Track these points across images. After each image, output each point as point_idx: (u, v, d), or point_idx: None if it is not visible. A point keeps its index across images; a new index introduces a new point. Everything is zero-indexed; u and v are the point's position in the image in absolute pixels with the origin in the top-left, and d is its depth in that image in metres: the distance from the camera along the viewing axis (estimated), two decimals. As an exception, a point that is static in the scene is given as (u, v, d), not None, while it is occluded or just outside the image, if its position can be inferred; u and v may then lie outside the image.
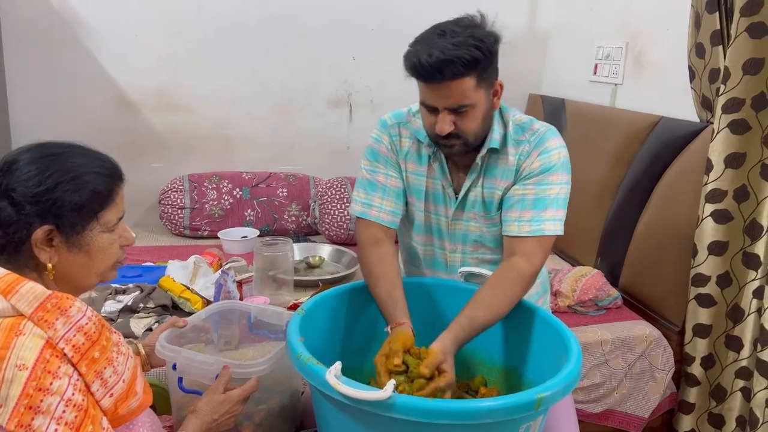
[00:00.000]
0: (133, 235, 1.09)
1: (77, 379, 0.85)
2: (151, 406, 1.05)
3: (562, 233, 1.36)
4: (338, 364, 1.01)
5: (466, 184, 1.43)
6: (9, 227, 0.92)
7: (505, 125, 1.41)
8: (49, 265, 0.95)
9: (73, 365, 0.85)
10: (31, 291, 0.86)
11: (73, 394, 0.84)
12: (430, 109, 1.30)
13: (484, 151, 1.38)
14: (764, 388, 1.87)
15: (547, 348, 1.27)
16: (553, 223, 1.35)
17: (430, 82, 1.24)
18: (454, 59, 1.19)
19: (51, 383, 0.82)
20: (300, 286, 2.22)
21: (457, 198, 1.45)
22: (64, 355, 0.85)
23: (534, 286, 1.56)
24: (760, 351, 1.87)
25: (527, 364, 1.33)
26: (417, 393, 1.09)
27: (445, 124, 1.28)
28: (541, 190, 1.36)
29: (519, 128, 1.40)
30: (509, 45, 3.52)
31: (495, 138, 1.38)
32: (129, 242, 1.08)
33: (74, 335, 0.86)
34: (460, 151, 1.36)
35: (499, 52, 1.30)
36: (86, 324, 0.88)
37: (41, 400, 0.81)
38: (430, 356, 1.12)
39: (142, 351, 1.33)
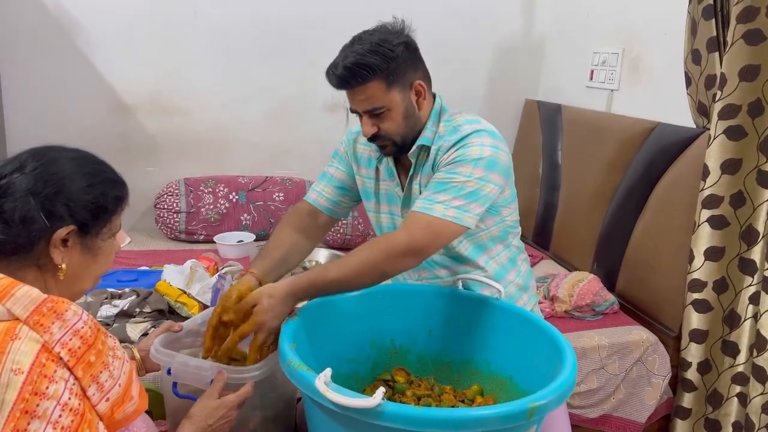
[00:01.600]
0: (120, 244, 1.11)
1: (73, 384, 0.85)
2: (146, 411, 1.04)
3: (456, 222, 1.28)
4: (328, 371, 1.00)
5: (407, 183, 1.48)
6: (33, 224, 0.92)
7: (438, 123, 1.45)
8: (63, 266, 0.95)
9: (69, 369, 0.85)
10: (26, 295, 0.85)
11: (69, 399, 0.83)
12: (354, 113, 1.40)
13: (413, 148, 1.43)
14: (760, 394, 1.87)
15: (542, 357, 1.27)
16: (443, 207, 1.28)
17: (342, 89, 1.35)
18: (354, 66, 1.29)
19: (47, 387, 0.81)
20: (296, 290, 2.21)
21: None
22: (60, 359, 0.84)
23: (516, 286, 1.56)
24: (756, 356, 1.87)
25: (523, 373, 1.32)
26: (224, 346, 1.18)
27: (366, 127, 1.38)
28: (447, 177, 1.32)
29: (453, 129, 1.41)
30: (506, 50, 3.54)
31: (426, 136, 1.43)
32: (119, 249, 1.11)
33: (70, 339, 0.85)
34: (394, 152, 1.44)
35: (415, 56, 1.39)
36: (82, 328, 0.87)
37: (37, 405, 0.80)
38: (245, 299, 1.24)
39: (137, 355, 1.33)
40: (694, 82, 2.04)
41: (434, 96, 1.48)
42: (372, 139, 1.40)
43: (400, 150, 1.43)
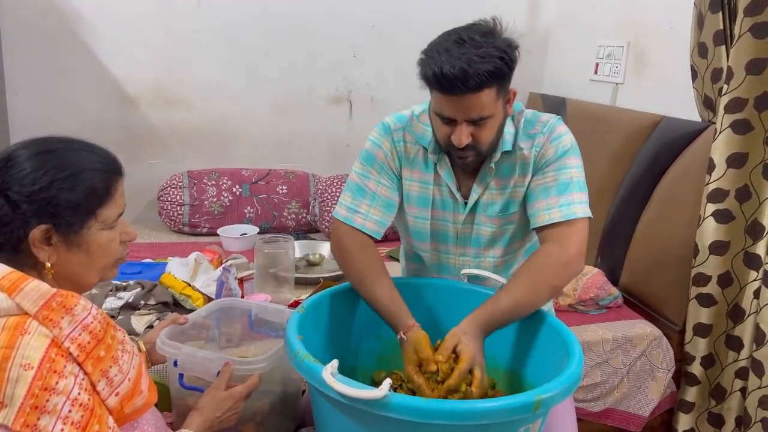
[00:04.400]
0: (135, 231, 1.07)
1: (83, 379, 0.85)
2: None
3: (591, 216, 1.34)
4: (335, 362, 1.00)
5: (477, 189, 1.39)
6: (6, 226, 0.90)
7: (515, 125, 1.39)
8: (48, 264, 0.93)
9: (78, 364, 0.85)
10: (35, 289, 0.85)
11: (79, 394, 0.83)
12: (445, 120, 1.25)
13: (498, 155, 1.35)
14: (758, 388, 1.87)
15: (549, 351, 1.27)
16: (581, 206, 1.32)
17: (452, 94, 1.19)
18: (480, 71, 1.15)
19: (57, 383, 0.81)
20: (300, 283, 2.21)
21: (466, 203, 1.41)
22: (70, 354, 0.84)
23: None
24: (756, 350, 1.88)
25: (530, 366, 1.33)
26: (445, 385, 1.11)
27: (464, 136, 1.24)
28: (561, 174, 1.33)
29: (528, 123, 1.38)
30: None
31: (507, 140, 1.36)
32: (131, 238, 1.05)
33: (79, 334, 0.85)
34: (474, 162, 1.33)
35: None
36: (91, 323, 0.87)
37: (47, 400, 0.80)
38: (443, 343, 1.16)
39: (143, 348, 1.33)
40: (700, 75, 2.03)
41: None
42: (461, 148, 1.28)
43: (481, 159, 1.35)
